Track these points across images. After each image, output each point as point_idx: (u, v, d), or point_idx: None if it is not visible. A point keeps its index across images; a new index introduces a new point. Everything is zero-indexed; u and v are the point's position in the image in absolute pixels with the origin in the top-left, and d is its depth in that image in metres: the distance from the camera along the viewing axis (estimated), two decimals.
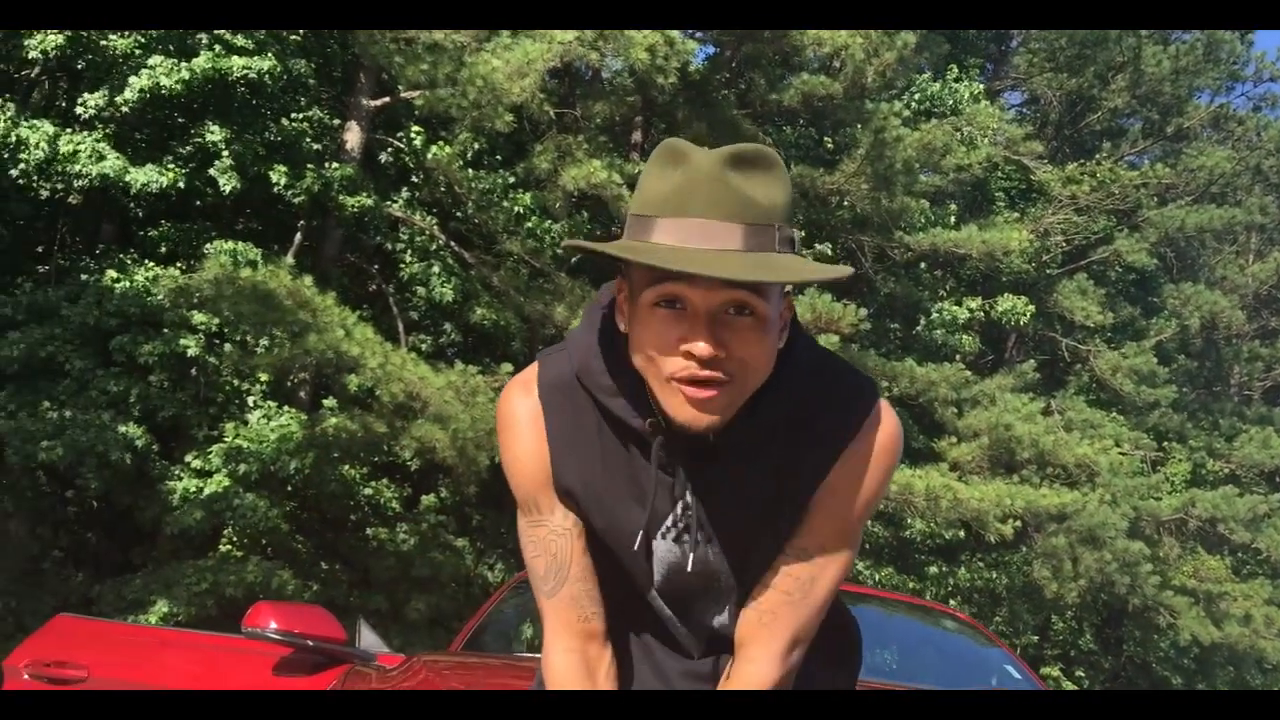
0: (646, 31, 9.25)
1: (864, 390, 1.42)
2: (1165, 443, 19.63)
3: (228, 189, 9.93)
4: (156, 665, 3.18)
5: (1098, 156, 20.07)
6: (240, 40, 10.14)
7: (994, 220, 16.09)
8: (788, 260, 1.28)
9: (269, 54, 10.08)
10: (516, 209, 11.44)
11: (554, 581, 1.44)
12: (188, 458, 10.07)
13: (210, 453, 9.93)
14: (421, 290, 11.95)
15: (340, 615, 3.29)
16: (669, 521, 1.41)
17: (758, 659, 1.41)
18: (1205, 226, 20.36)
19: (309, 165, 10.73)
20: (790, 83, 12.67)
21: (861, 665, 1.65)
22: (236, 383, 10.56)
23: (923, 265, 15.54)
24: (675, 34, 9.59)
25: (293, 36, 11.04)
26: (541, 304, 10.81)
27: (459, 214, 12.20)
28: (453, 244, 11.78)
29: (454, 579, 11.78)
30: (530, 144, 11.48)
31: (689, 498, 1.39)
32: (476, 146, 11.93)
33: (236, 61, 9.78)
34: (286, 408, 10.41)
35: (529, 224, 11.46)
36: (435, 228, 11.85)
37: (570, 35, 9.12)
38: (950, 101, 16.56)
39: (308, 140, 11.22)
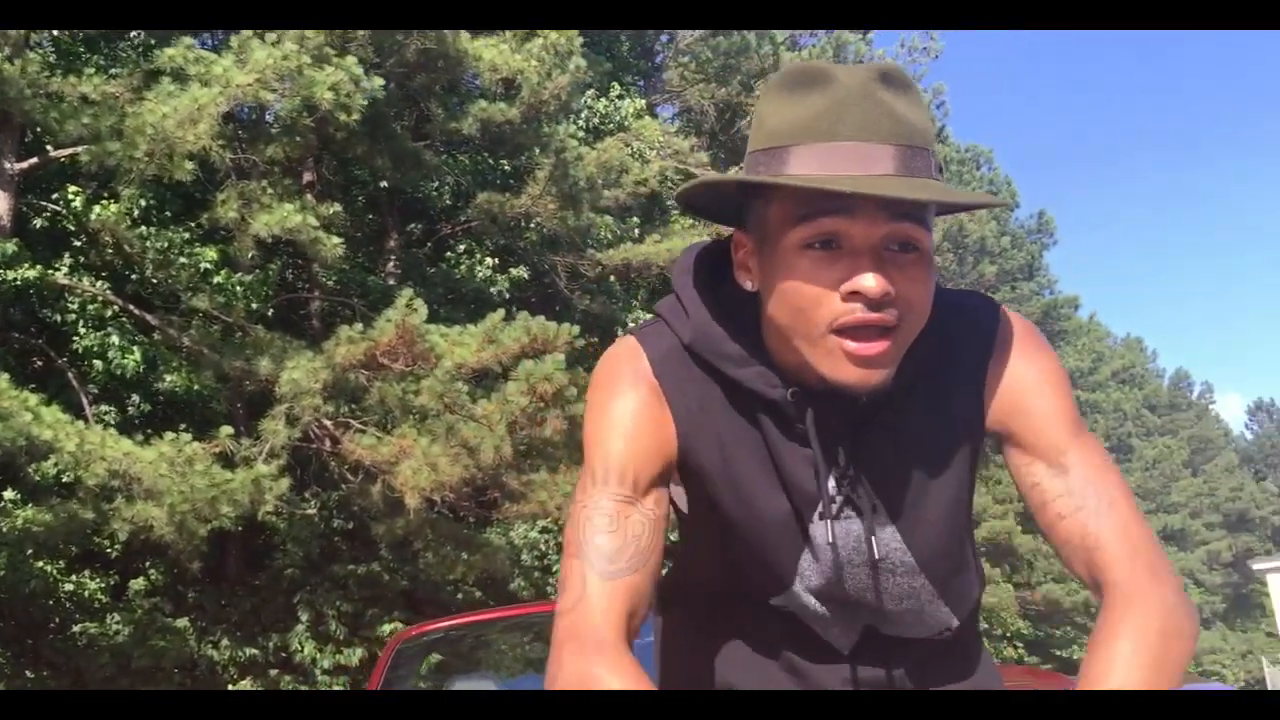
0: (329, 70, 8.99)
1: (988, 305, 1.28)
2: None
3: None
4: None
5: None
6: None
7: (673, 229, 16.71)
8: (946, 185, 1.14)
9: None
10: (201, 264, 10.81)
11: (626, 563, 1.16)
12: None
13: None
14: (99, 363, 11.06)
15: None
16: (824, 501, 1.22)
17: (1121, 584, 1.13)
18: None
19: None
20: (468, 110, 12.65)
21: None
22: None
23: (613, 279, 15.92)
24: (359, 71, 9.36)
25: None
26: (242, 360, 10.25)
27: (134, 275, 11.40)
28: (131, 307, 10.98)
29: (178, 664, 10.99)
30: (206, 194, 10.87)
31: (849, 470, 1.21)
32: (144, 203, 11.18)
33: None
34: None
35: (217, 279, 10.85)
36: (109, 292, 11.01)
37: (249, 78, 8.71)
38: (618, 118, 17.08)
39: None
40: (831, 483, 1.22)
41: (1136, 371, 49.12)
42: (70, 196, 10.76)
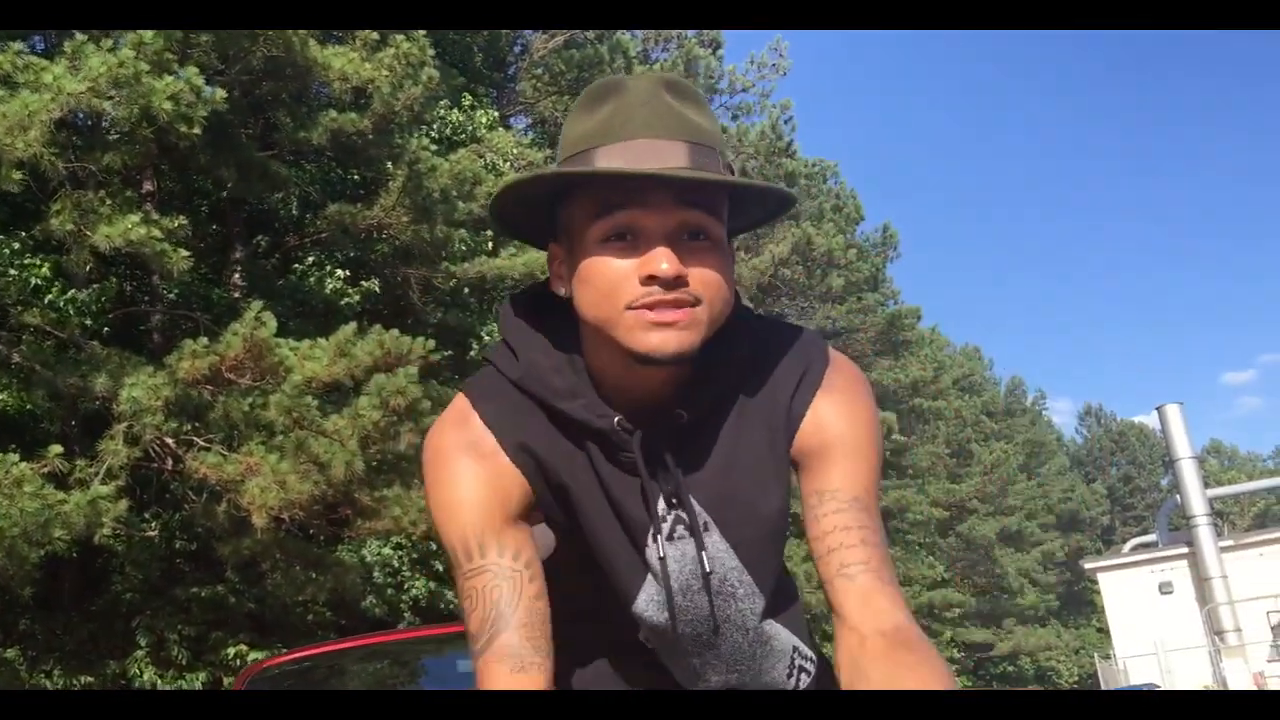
0: (169, 79, 8.71)
1: (814, 340, 1.33)
2: None
3: None
4: None
5: None
6: None
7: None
8: (735, 179, 1.19)
9: None
10: (32, 279, 10.33)
11: (486, 636, 1.20)
12: None
13: None
14: None
15: None
16: (656, 524, 1.26)
17: (871, 601, 1.20)
18: None
19: None
20: (318, 120, 12.40)
21: None
22: None
23: (467, 292, 15.80)
24: (200, 81, 9.09)
25: None
26: (77, 377, 9.83)
27: None
28: None
29: None
30: (39, 205, 10.40)
31: (677, 492, 1.25)
32: None
33: None
34: None
35: (50, 295, 10.38)
36: None
37: (82, 86, 8.37)
38: (470, 129, 16.98)
39: None
40: (661, 505, 1.26)
41: (975, 379, 50.95)
42: None
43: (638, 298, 1.15)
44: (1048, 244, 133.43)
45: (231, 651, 11.22)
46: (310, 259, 14.72)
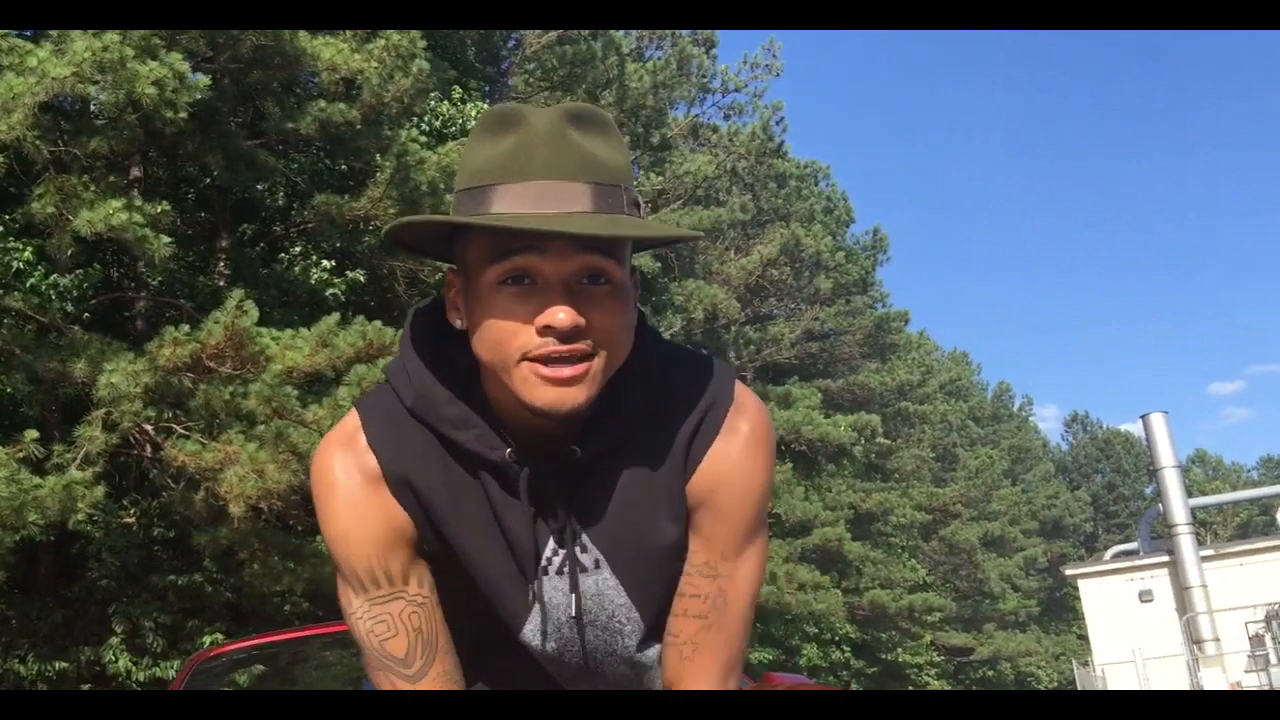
0: (153, 64, 8.67)
1: (722, 375, 1.29)
2: None
3: None
4: None
5: None
6: None
7: None
8: (639, 220, 1.17)
9: None
10: (14, 263, 10.28)
11: (423, 661, 1.22)
12: None
13: None
14: None
15: None
16: (547, 556, 1.25)
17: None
18: (697, 227, 22.35)
19: None
20: (307, 110, 12.36)
21: None
22: None
23: None
24: (185, 67, 9.05)
25: None
26: (57, 361, 9.79)
27: None
28: None
29: None
30: (22, 188, 10.35)
31: (567, 525, 1.24)
32: None
33: None
34: None
35: (32, 279, 10.33)
36: None
37: (67, 70, 8.34)
38: (460, 122, 16.93)
39: None
40: (552, 541, 1.25)
41: (963, 384, 51.07)
42: None
43: (533, 348, 1.12)
44: (1038, 250, 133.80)
45: (207, 640, 11.19)
46: (296, 249, 14.68)
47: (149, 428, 10.14)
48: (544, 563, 1.26)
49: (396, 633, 1.23)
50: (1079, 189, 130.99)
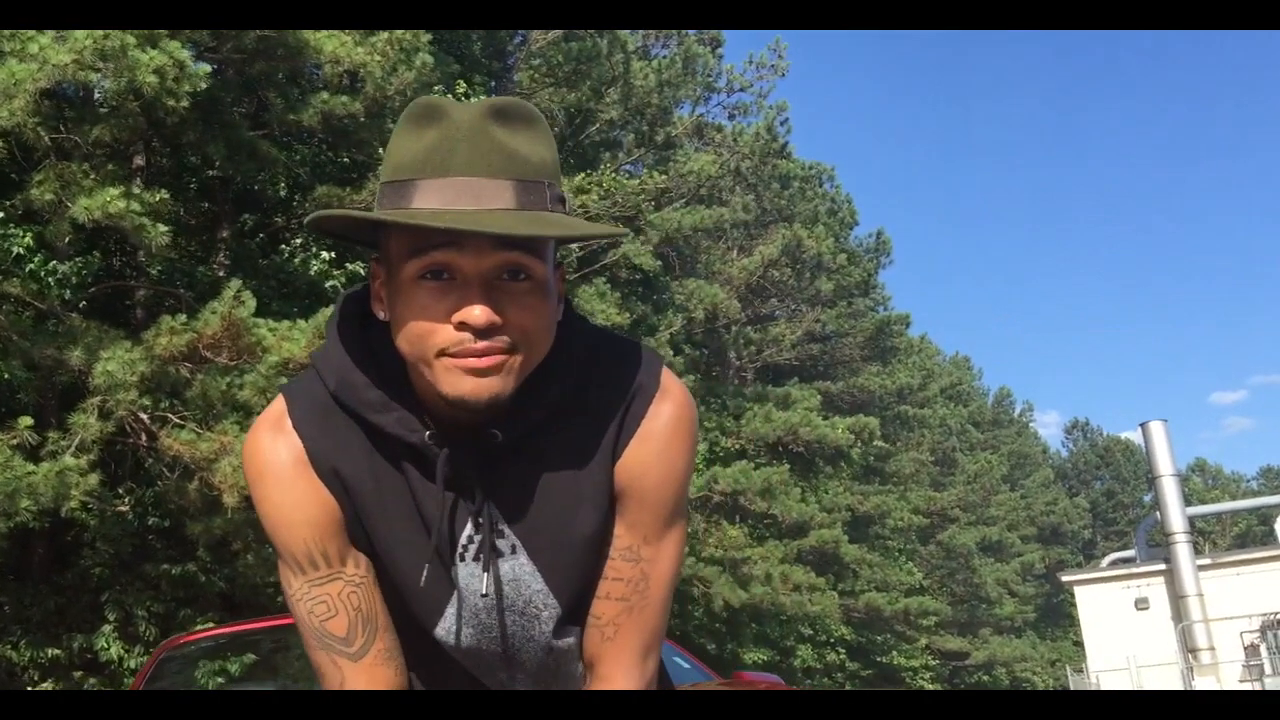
0: (153, 52, 8.67)
1: (648, 363, 1.29)
2: None
3: None
4: None
5: (601, 166, 21.38)
6: None
7: None
8: (562, 217, 1.17)
9: None
10: (14, 249, 10.29)
11: (364, 639, 1.25)
12: None
13: None
14: None
15: None
16: (464, 541, 1.26)
17: (610, 677, 1.30)
18: (699, 226, 22.31)
19: None
20: (310, 102, 12.36)
21: None
22: None
23: None
24: (185, 55, 9.06)
25: None
26: (54, 348, 9.80)
27: None
28: None
29: None
30: (23, 175, 10.36)
31: (484, 509, 1.24)
32: None
33: None
34: None
35: (31, 265, 10.34)
36: None
37: (68, 57, 8.34)
38: None
39: None
40: (470, 525, 1.25)
41: (963, 389, 51.08)
42: None
43: (451, 344, 1.13)
44: (1041, 256, 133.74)
45: None
46: (297, 240, 14.69)
47: (144, 416, 10.15)
48: (460, 549, 1.26)
49: (336, 613, 1.25)
50: (1084, 195, 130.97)
